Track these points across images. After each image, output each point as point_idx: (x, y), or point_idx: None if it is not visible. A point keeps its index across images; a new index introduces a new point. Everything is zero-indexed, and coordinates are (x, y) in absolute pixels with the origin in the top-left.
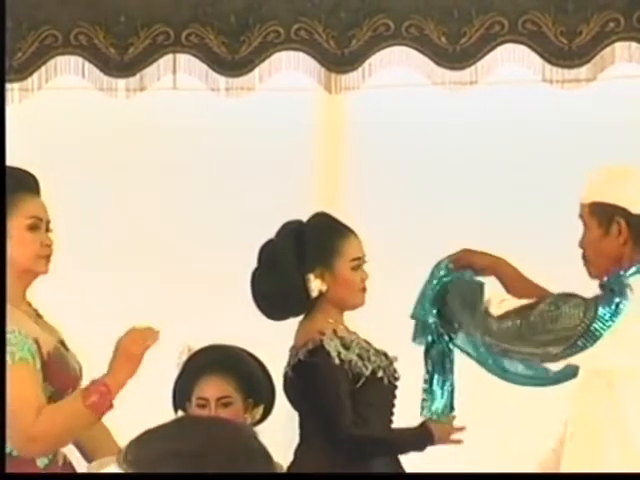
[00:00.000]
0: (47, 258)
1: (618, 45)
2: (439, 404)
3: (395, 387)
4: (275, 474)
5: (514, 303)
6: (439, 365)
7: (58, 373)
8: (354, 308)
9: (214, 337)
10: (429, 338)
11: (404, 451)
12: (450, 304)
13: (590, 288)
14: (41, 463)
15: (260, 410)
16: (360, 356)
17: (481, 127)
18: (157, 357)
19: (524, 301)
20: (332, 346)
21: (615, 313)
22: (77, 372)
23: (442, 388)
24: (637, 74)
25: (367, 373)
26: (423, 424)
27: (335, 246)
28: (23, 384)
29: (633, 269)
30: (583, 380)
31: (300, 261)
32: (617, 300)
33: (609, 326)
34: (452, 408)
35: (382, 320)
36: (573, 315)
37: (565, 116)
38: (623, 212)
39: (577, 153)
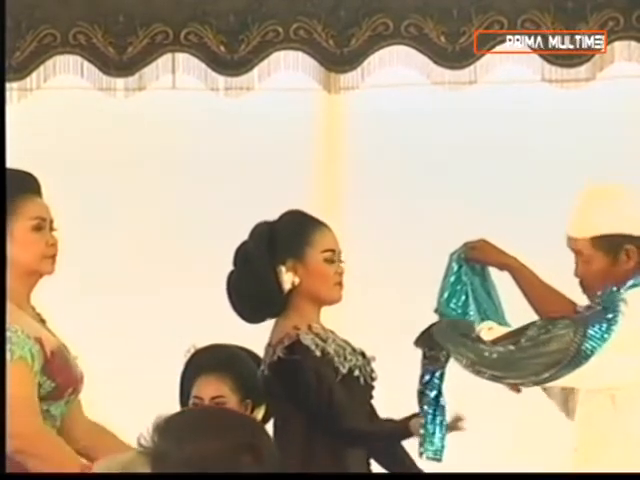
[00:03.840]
0: (53, 258)
1: (617, 44)
2: (438, 444)
3: (372, 387)
4: (276, 474)
5: (502, 330)
6: (434, 406)
7: (62, 370)
8: (330, 303)
9: (218, 338)
10: (425, 377)
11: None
12: (443, 330)
13: None
14: None
15: (261, 411)
16: (337, 353)
17: (480, 126)
18: (160, 357)
19: (510, 329)
20: (309, 340)
21: (607, 330)
22: (79, 374)
23: (439, 427)
24: (636, 73)
25: (344, 371)
26: (405, 422)
27: (305, 237)
28: (17, 382)
29: (630, 282)
30: (585, 397)
31: (272, 257)
32: (609, 316)
33: (600, 344)
34: (443, 448)
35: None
36: (564, 337)
37: (564, 115)
38: (630, 238)
39: (577, 152)
